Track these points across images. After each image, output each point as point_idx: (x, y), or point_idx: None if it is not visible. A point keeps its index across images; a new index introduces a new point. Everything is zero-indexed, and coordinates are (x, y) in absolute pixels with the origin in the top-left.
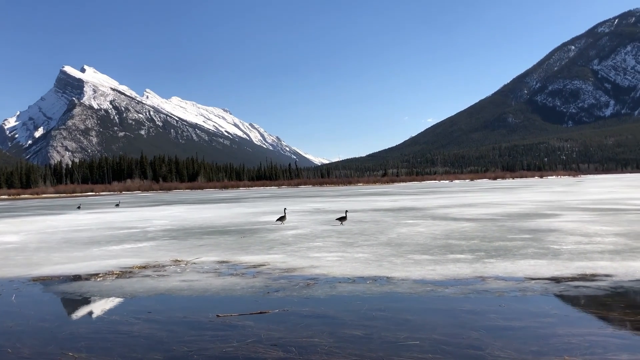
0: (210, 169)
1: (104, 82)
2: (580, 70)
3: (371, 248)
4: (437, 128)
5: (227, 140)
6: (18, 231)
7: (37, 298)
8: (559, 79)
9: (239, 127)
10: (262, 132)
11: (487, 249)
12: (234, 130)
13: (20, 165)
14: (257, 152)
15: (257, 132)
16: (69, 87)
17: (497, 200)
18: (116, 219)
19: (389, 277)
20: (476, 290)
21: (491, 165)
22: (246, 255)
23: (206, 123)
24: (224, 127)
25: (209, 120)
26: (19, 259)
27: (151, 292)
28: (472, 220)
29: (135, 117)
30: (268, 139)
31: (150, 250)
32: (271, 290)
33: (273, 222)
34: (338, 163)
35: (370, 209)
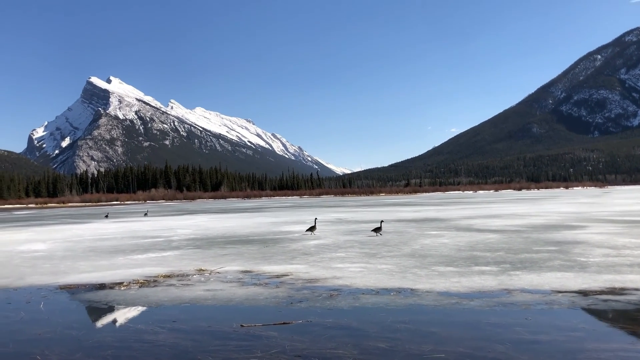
0: (233, 179)
1: (130, 92)
2: (607, 79)
3: (394, 259)
4: (461, 138)
5: (249, 150)
6: (45, 240)
7: (64, 306)
8: (585, 89)
9: (261, 137)
10: (284, 142)
11: (513, 261)
12: (256, 141)
13: (48, 175)
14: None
15: (280, 142)
16: (95, 97)
17: (522, 211)
18: (141, 228)
19: (413, 289)
20: (502, 303)
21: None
22: (269, 265)
23: (229, 133)
24: (246, 137)
25: (232, 131)
26: (46, 267)
27: (176, 301)
28: (497, 232)
29: (160, 127)
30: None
31: (174, 259)
32: (294, 301)
33: (295, 231)
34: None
35: (393, 220)
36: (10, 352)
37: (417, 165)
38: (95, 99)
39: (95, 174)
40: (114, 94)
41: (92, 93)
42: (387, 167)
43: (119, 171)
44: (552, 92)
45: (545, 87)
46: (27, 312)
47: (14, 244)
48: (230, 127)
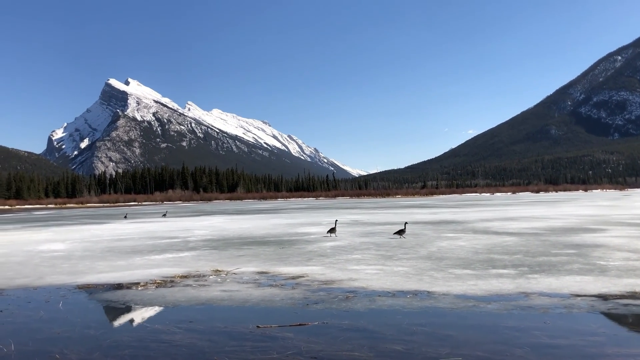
0: (249, 180)
1: (147, 94)
2: (627, 80)
3: (411, 262)
4: (478, 140)
5: (266, 151)
6: (64, 240)
7: (83, 306)
8: (605, 90)
9: (277, 139)
10: (300, 143)
11: (531, 264)
12: (272, 142)
13: (67, 176)
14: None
15: (296, 144)
16: (113, 99)
17: (540, 214)
18: (158, 229)
19: (429, 292)
20: (520, 307)
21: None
22: (285, 266)
23: (246, 135)
24: (263, 138)
25: (249, 132)
26: (65, 267)
27: (192, 301)
28: (514, 235)
29: (177, 128)
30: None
31: (191, 259)
32: (310, 302)
33: (311, 233)
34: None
35: (409, 222)
36: (30, 350)
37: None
38: (114, 100)
39: (113, 174)
40: (132, 96)
41: (111, 95)
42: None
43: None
44: (571, 93)
45: (564, 88)
46: (47, 311)
47: (34, 243)
48: (246, 129)
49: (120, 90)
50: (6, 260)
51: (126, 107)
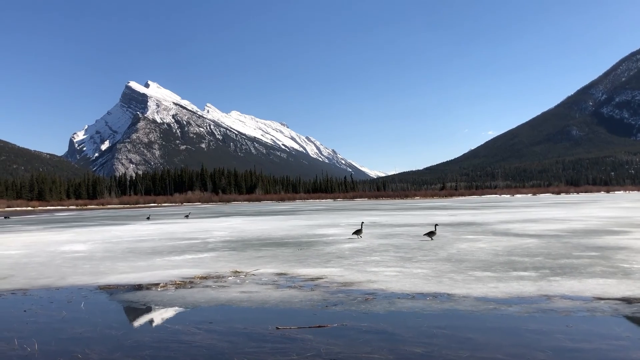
0: (267, 182)
1: (167, 97)
2: None
3: (430, 264)
4: (498, 141)
5: (284, 153)
6: (85, 240)
7: (104, 306)
8: (627, 90)
9: (295, 141)
10: (318, 145)
11: (552, 266)
12: (290, 144)
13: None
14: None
15: (314, 145)
16: (133, 102)
17: (562, 215)
18: (177, 230)
19: (449, 294)
20: (541, 310)
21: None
22: (303, 267)
23: (264, 136)
24: (281, 140)
25: (267, 134)
26: (86, 267)
27: (212, 302)
28: (535, 237)
29: (196, 130)
30: (324, 152)
31: (210, 260)
32: (329, 304)
33: (330, 234)
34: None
35: (428, 224)
36: (53, 350)
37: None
38: (134, 103)
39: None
40: (152, 98)
41: (131, 97)
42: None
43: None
44: (592, 93)
45: (585, 88)
46: (69, 311)
47: (56, 244)
48: (264, 131)
49: (141, 93)
50: (29, 261)
51: (146, 109)
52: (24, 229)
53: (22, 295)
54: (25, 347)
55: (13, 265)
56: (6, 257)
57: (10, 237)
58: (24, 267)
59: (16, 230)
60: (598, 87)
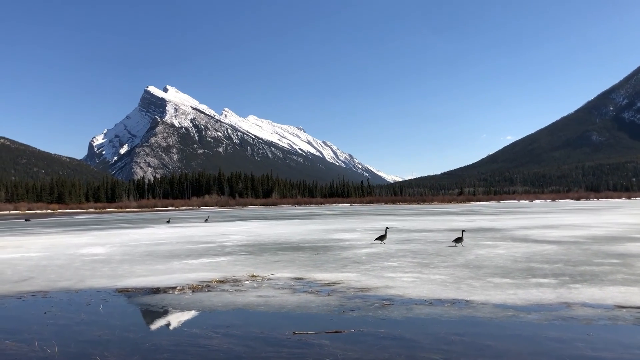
0: (284, 186)
1: (185, 101)
2: None
3: (448, 270)
4: (517, 146)
5: (300, 157)
6: (104, 243)
7: (122, 309)
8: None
9: (312, 145)
10: (334, 149)
11: (572, 273)
12: (307, 148)
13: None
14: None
15: (330, 150)
16: (152, 106)
17: (582, 222)
18: (195, 234)
19: (467, 301)
20: (561, 317)
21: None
22: (320, 272)
23: (281, 141)
24: (297, 144)
25: (284, 138)
26: (105, 270)
27: (229, 306)
28: (554, 243)
29: (214, 135)
30: (341, 157)
31: (227, 264)
32: (346, 310)
33: (346, 239)
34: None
35: (445, 229)
36: (72, 352)
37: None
38: (153, 107)
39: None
40: (170, 103)
41: (150, 102)
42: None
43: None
44: (613, 98)
45: (605, 93)
46: (87, 313)
47: (75, 247)
48: (281, 135)
49: (159, 97)
50: (49, 263)
51: (164, 113)
52: (44, 232)
53: (42, 298)
54: (46, 349)
55: (33, 268)
56: (27, 259)
57: (31, 239)
58: (44, 269)
59: (36, 233)
60: (619, 91)
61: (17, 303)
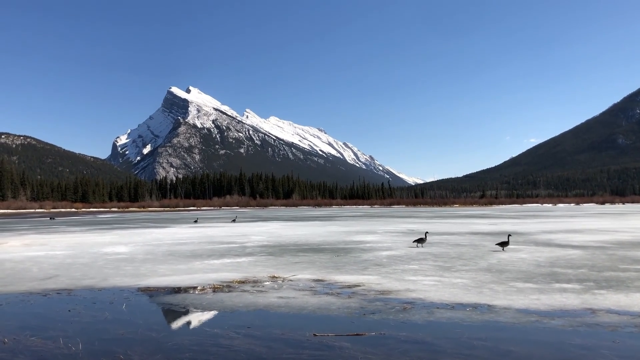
0: (304, 187)
1: (207, 102)
2: None
3: (470, 273)
4: (540, 148)
5: (321, 159)
6: (127, 243)
7: (145, 308)
8: None
9: (333, 146)
10: (355, 151)
11: (597, 279)
12: (328, 149)
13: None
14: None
15: (351, 151)
16: (175, 107)
17: (607, 226)
18: (216, 234)
19: (490, 305)
20: (586, 324)
21: (599, 189)
22: (341, 274)
23: (302, 142)
24: (318, 146)
25: (305, 140)
26: (128, 269)
27: (250, 307)
28: (579, 248)
29: (236, 135)
30: (361, 158)
31: (248, 265)
32: (367, 312)
33: (367, 241)
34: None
35: (467, 232)
36: (96, 349)
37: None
38: (175, 108)
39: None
40: (192, 104)
41: (172, 102)
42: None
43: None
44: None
45: (632, 95)
46: (111, 312)
47: (99, 246)
48: (302, 136)
49: (182, 98)
50: (73, 262)
51: (187, 114)
52: (69, 230)
53: (66, 295)
54: (70, 347)
55: (58, 266)
56: (52, 257)
57: (56, 237)
58: (69, 267)
59: (61, 231)
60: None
61: (43, 300)
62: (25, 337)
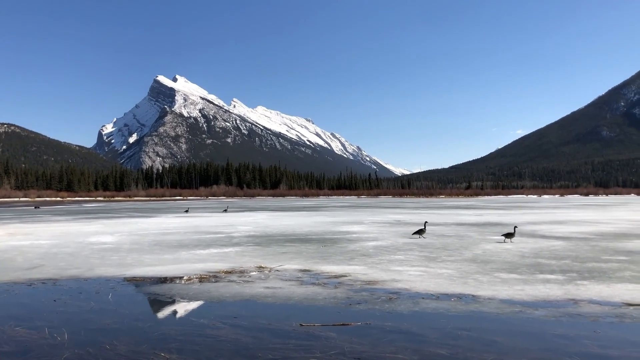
0: (292, 177)
1: (194, 91)
2: None
3: (455, 264)
4: (526, 140)
5: (308, 149)
6: (113, 232)
7: (131, 298)
8: None
9: (320, 137)
10: (343, 141)
11: (580, 270)
12: (315, 140)
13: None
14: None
15: (338, 142)
16: (161, 95)
17: (590, 218)
18: (203, 224)
19: (474, 296)
20: (568, 314)
21: (583, 180)
22: (327, 264)
23: (289, 132)
24: (306, 136)
25: (292, 130)
26: (114, 259)
27: (237, 297)
28: (562, 239)
29: (223, 125)
30: (349, 149)
31: (235, 255)
32: (353, 302)
33: (354, 232)
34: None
35: (453, 223)
36: (82, 340)
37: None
38: (162, 97)
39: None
40: (179, 92)
41: (159, 91)
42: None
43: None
44: (624, 94)
45: (617, 88)
46: (97, 302)
47: (84, 235)
48: (290, 126)
49: (168, 87)
50: (59, 251)
51: (173, 103)
52: (54, 219)
53: (52, 285)
54: (56, 337)
55: (43, 255)
56: (37, 246)
57: (41, 227)
58: (54, 257)
59: (46, 221)
60: (630, 87)
61: (28, 290)
62: (9, 327)
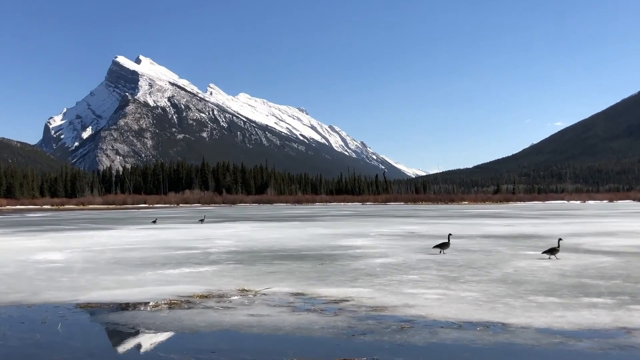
0: (281, 180)
1: (162, 75)
2: None
3: (481, 285)
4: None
5: (302, 145)
6: (63, 248)
7: (85, 328)
8: None
9: (316, 130)
10: (344, 136)
11: (633, 292)
12: (310, 134)
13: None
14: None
15: (338, 136)
16: (121, 80)
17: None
18: (173, 237)
19: (504, 324)
20: (619, 346)
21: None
22: (325, 287)
23: (278, 125)
24: (299, 129)
25: (282, 122)
26: (64, 281)
27: (215, 327)
28: (612, 254)
29: (197, 116)
30: (351, 145)
31: (212, 275)
32: (357, 333)
33: (357, 246)
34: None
35: (478, 235)
36: None
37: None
38: (122, 82)
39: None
40: (143, 77)
41: (119, 75)
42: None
43: (148, 168)
44: None
45: None
46: (43, 333)
47: (28, 252)
48: (279, 118)
49: (130, 70)
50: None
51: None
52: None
53: None
54: None
55: None
56: None
57: None
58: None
59: None
60: None
61: None
62: None
